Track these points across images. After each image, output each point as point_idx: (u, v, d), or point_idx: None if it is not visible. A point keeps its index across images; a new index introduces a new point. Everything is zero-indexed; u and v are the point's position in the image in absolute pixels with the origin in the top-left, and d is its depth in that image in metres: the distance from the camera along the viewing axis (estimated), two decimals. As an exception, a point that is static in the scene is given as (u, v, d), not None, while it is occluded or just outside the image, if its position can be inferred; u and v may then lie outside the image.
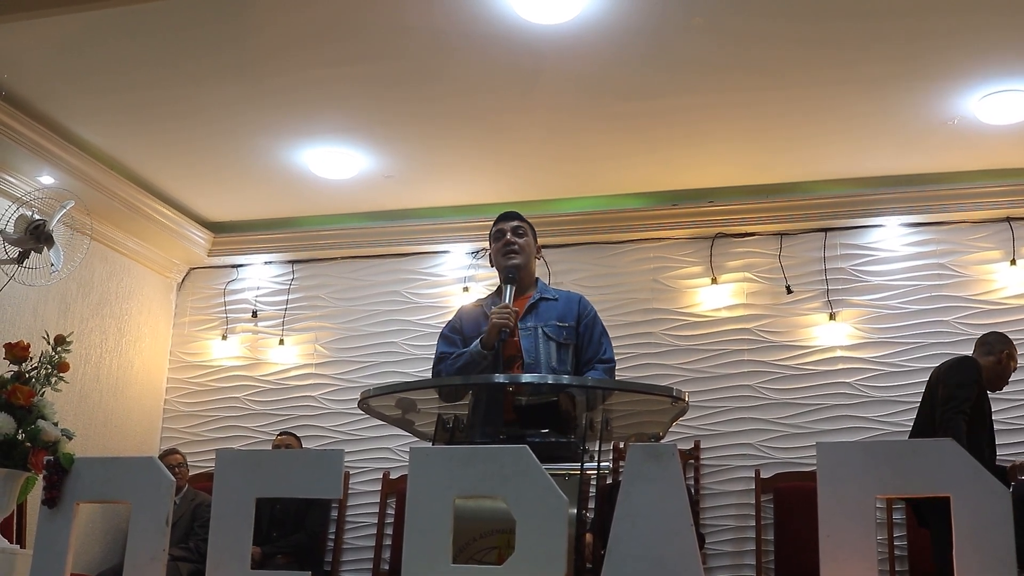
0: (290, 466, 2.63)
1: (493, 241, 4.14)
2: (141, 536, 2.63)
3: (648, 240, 7.16)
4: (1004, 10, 4.68)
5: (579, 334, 4.02)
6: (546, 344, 3.95)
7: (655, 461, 2.28)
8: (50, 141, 6.13)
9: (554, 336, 3.96)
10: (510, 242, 4.06)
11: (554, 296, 4.11)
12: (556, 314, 4.02)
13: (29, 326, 6.34)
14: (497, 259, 4.11)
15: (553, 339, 3.95)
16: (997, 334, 5.53)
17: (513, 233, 4.08)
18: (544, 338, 3.95)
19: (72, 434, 3.77)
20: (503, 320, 3.80)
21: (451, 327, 4.15)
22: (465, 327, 4.08)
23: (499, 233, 4.11)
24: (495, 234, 4.14)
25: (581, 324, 4.04)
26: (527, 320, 3.98)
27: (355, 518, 7.18)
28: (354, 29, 5.00)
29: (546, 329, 3.97)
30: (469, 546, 3.09)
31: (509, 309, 3.84)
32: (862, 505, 2.24)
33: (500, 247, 4.09)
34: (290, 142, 6.34)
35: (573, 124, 6.02)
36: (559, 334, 3.97)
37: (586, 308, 4.11)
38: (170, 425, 7.85)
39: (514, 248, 4.06)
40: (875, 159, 6.38)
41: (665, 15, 4.82)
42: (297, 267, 7.93)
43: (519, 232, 4.10)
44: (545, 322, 3.98)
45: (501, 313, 3.81)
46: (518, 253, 4.06)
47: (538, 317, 4.00)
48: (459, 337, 4.06)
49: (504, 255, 4.06)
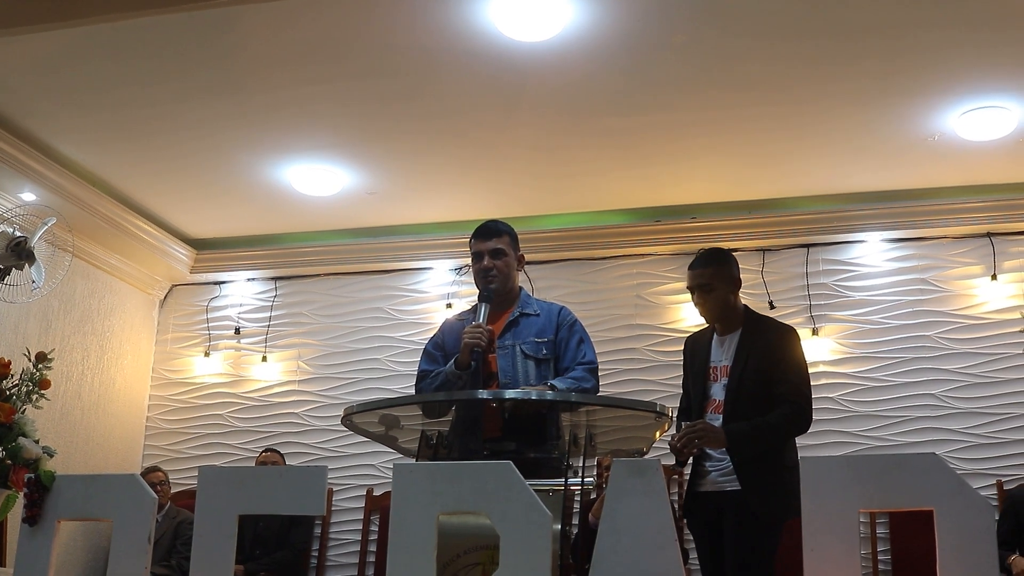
0: (273, 483, 2.62)
1: (472, 259, 4.10)
2: (123, 554, 2.61)
3: (631, 256, 7.18)
4: (983, 27, 4.71)
5: (556, 344, 3.98)
6: (523, 363, 3.92)
7: (639, 476, 2.28)
8: (32, 158, 6.10)
9: (532, 353, 3.92)
10: (487, 267, 4.01)
11: (536, 311, 4.06)
12: (535, 330, 3.99)
13: (10, 343, 6.30)
14: (475, 278, 4.09)
15: (531, 356, 3.92)
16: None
17: (491, 257, 4.02)
18: (521, 356, 3.92)
19: (53, 452, 3.75)
20: (474, 340, 3.78)
21: (434, 343, 4.13)
22: (447, 343, 4.06)
23: (476, 256, 4.06)
24: (473, 255, 4.08)
25: (558, 335, 3.99)
26: (505, 338, 3.95)
27: (339, 535, 7.15)
28: (337, 47, 5.00)
29: (524, 347, 3.94)
30: (453, 562, 3.09)
31: (481, 328, 3.81)
32: (846, 519, 2.25)
33: (477, 271, 4.05)
34: (273, 159, 6.34)
35: (556, 141, 6.03)
36: (537, 350, 3.93)
37: (565, 317, 4.06)
38: (152, 442, 7.81)
39: (492, 274, 4.01)
40: (856, 175, 6.41)
41: (647, 33, 4.84)
42: (280, 284, 7.91)
43: (496, 255, 4.03)
44: (523, 340, 3.95)
45: (473, 333, 3.79)
46: (496, 277, 4.01)
47: (516, 335, 3.97)
48: (441, 354, 4.04)
49: (482, 279, 4.03)
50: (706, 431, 4.00)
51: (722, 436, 4.01)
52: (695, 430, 3.98)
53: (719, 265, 4.28)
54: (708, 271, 4.26)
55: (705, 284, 4.26)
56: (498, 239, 4.06)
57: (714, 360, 4.31)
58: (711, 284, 4.25)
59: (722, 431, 4.01)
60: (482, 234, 4.09)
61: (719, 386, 4.23)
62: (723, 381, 4.21)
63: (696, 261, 4.32)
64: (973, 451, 6.24)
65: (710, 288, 4.25)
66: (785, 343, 4.23)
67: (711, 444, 4.04)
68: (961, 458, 6.20)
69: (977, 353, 6.43)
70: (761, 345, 4.20)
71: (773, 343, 4.21)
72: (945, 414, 6.37)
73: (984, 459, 6.22)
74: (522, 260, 4.18)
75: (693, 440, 3.97)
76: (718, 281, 4.25)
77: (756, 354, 4.17)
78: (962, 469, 6.02)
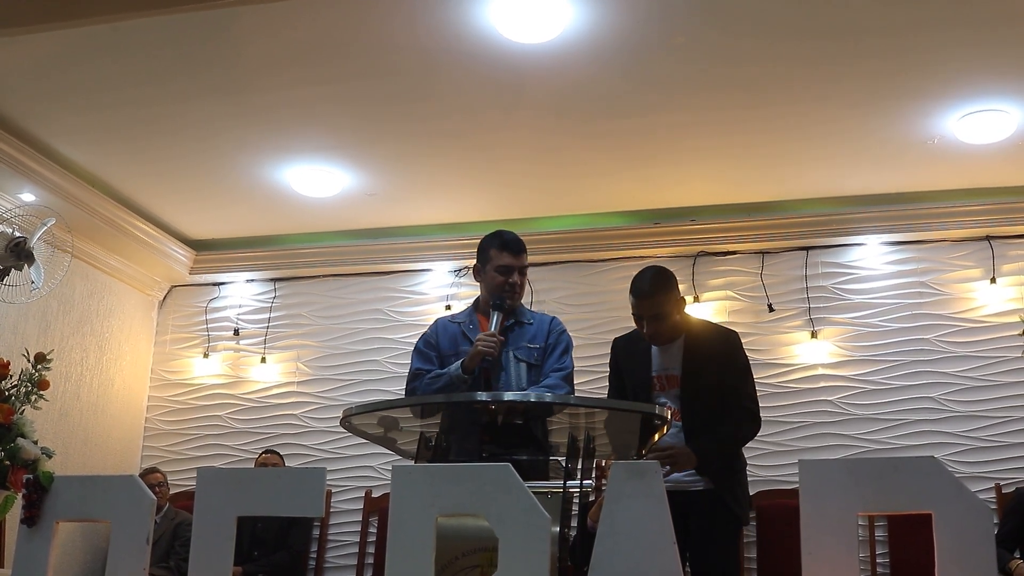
0: (272, 484, 2.62)
1: (496, 269, 4.07)
2: (121, 555, 2.61)
3: (630, 258, 7.16)
4: (983, 29, 4.71)
5: (545, 349, 4.05)
6: (516, 366, 3.98)
7: (638, 478, 2.28)
8: (31, 158, 6.10)
9: (524, 358, 4.01)
10: (515, 283, 4.04)
11: (529, 320, 4.14)
12: (528, 336, 4.06)
13: (9, 344, 6.30)
14: (492, 286, 4.07)
15: (524, 360, 4.00)
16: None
17: (520, 274, 4.06)
18: (515, 361, 3.99)
19: (52, 452, 3.74)
20: (488, 348, 3.81)
21: (426, 342, 4.15)
22: (441, 342, 4.08)
23: (505, 269, 4.05)
24: (500, 266, 4.06)
25: (548, 340, 4.06)
26: None
27: (337, 536, 7.15)
28: (337, 48, 5.00)
29: (517, 352, 4.01)
30: (451, 564, 3.08)
31: (496, 338, 3.85)
32: (844, 523, 2.24)
33: (502, 283, 4.04)
34: (272, 160, 6.34)
35: (555, 142, 6.03)
36: (530, 355, 4.02)
37: (556, 326, 4.14)
38: (151, 443, 7.80)
39: (518, 290, 4.06)
40: (856, 178, 6.41)
41: (647, 34, 4.84)
42: (279, 285, 7.91)
43: (524, 273, 4.08)
44: (517, 345, 4.02)
45: (488, 341, 3.83)
46: (519, 295, 4.08)
47: (510, 340, 4.03)
48: (434, 353, 4.07)
49: (505, 292, 4.03)
50: (678, 456, 4.00)
51: (693, 459, 4.03)
52: (667, 454, 3.97)
53: (666, 291, 4.15)
54: (657, 300, 4.12)
55: (656, 314, 4.13)
56: (526, 256, 4.11)
57: (657, 369, 4.27)
58: (661, 312, 4.13)
59: (693, 454, 4.03)
60: (516, 249, 4.10)
61: (670, 396, 4.21)
62: (674, 391, 4.21)
63: (641, 290, 4.14)
64: (972, 454, 6.25)
65: (661, 316, 4.13)
66: (733, 349, 4.25)
67: (683, 467, 4.05)
68: (960, 461, 6.20)
69: (976, 356, 6.43)
70: (710, 353, 4.18)
71: (722, 351, 4.22)
72: (944, 417, 6.37)
73: (983, 462, 6.22)
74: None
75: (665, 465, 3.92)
76: (667, 307, 4.13)
77: (707, 363, 4.15)
78: (961, 472, 6.02)
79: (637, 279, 4.17)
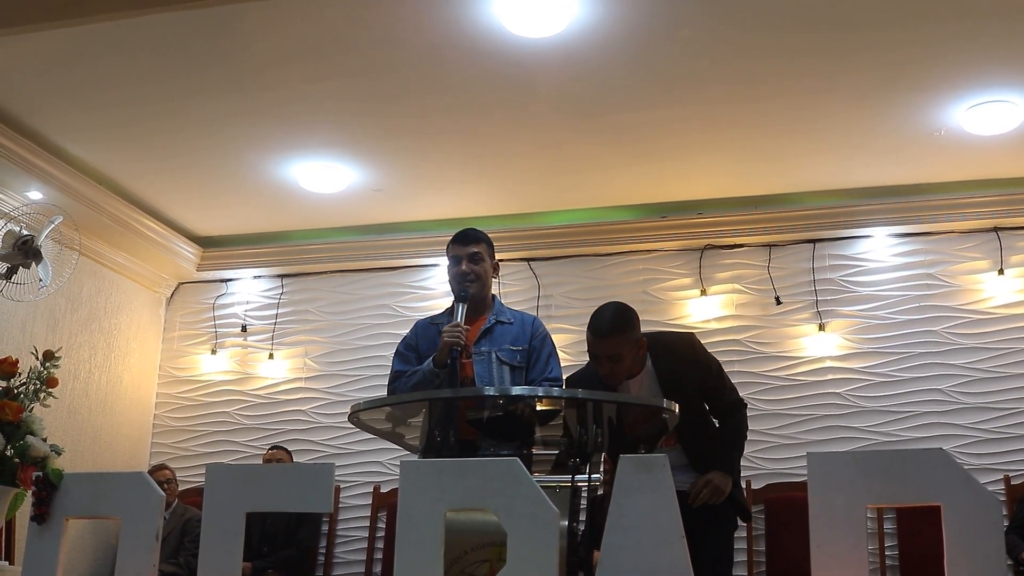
0: (280, 480, 2.62)
1: (450, 261, 4.18)
2: (131, 552, 2.62)
3: (637, 252, 7.17)
4: (990, 20, 4.70)
5: (528, 352, 4.09)
6: (499, 368, 4.03)
7: (647, 472, 2.28)
8: (38, 156, 6.11)
9: (508, 360, 4.04)
10: (465, 272, 4.10)
11: (509, 319, 4.18)
12: (510, 338, 4.10)
13: (17, 342, 6.31)
14: (452, 280, 4.18)
15: (507, 363, 4.04)
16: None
17: (469, 261, 4.11)
18: (498, 363, 4.04)
19: (61, 450, 3.75)
20: (453, 339, 3.87)
21: (406, 344, 4.25)
22: (420, 343, 4.17)
23: (455, 260, 4.14)
24: (451, 259, 4.16)
25: (531, 343, 4.10)
26: (481, 344, 4.06)
27: (346, 532, 7.16)
28: (343, 44, 5.00)
29: (500, 354, 4.05)
30: (460, 559, 3.09)
31: (460, 327, 3.90)
32: (853, 515, 2.24)
33: (456, 274, 4.13)
34: (279, 156, 6.34)
35: (561, 137, 6.03)
36: (513, 358, 4.05)
37: (538, 329, 4.19)
38: (159, 440, 7.82)
39: (470, 277, 4.10)
40: (863, 170, 6.40)
41: (652, 28, 4.83)
42: (286, 281, 7.92)
43: (475, 259, 4.12)
44: (499, 347, 4.07)
45: (452, 332, 3.89)
46: (474, 281, 4.11)
47: (492, 342, 4.08)
48: (414, 355, 4.16)
49: (460, 283, 4.11)
50: (716, 490, 3.99)
51: (728, 478, 4.04)
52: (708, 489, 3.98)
53: (626, 332, 3.92)
54: (616, 340, 3.89)
55: (615, 355, 3.90)
56: (476, 245, 4.16)
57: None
58: (620, 353, 3.90)
59: (727, 477, 4.04)
60: (460, 240, 4.18)
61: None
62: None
63: (600, 329, 3.90)
64: (980, 446, 6.23)
65: (620, 357, 3.90)
66: (698, 354, 4.18)
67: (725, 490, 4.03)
68: (968, 453, 6.19)
69: (984, 348, 6.41)
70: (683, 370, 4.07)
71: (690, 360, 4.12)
72: (952, 409, 6.36)
73: (991, 454, 6.20)
74: (497, 268, 4.30)
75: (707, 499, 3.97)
76: (626, 347, 3.91)
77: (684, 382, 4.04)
78: (969, 464, 6.01)
79: (596, 317, 3.95)
